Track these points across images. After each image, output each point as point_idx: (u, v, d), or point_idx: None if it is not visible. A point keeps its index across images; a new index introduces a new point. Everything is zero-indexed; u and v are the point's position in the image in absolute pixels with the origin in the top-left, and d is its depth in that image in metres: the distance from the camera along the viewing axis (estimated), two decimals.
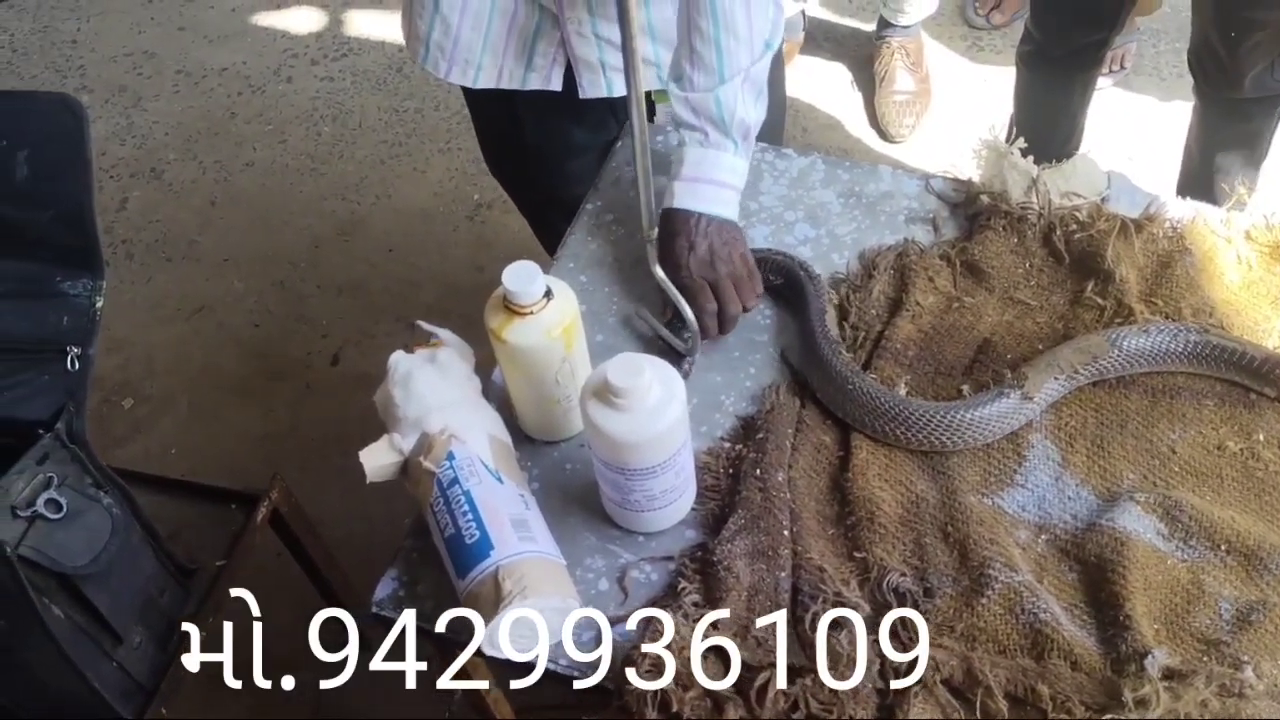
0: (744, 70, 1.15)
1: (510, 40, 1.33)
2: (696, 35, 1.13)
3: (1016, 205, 1.21)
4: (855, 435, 1.08)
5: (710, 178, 1.17)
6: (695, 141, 1.17)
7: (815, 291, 1.16)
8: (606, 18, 1.31)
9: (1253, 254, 1.17)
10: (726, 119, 1.15)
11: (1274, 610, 0.93)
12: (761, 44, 1.16)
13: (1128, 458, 1.05)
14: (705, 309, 1.14)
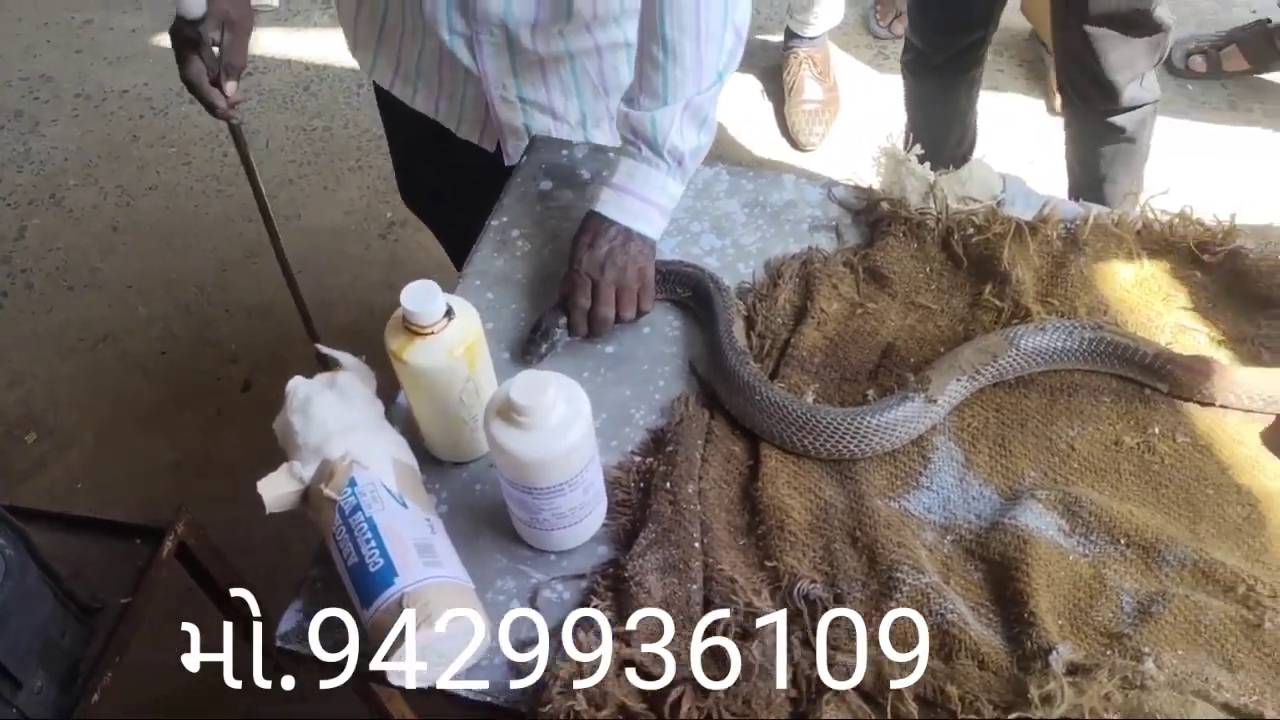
0: (687, 98, 1.16)
1: (444, 82, 1.35)
2: (648, 61, 1.15)
3: (915, 211, 1.23)
4: (764, 444, 1.08)
5: (637, 192, 1.18)
6: (629, 154, 1.18)
7: (723, 303, 1.16)
8: (531, 81, 1.32)
9: (1144, 252, 1.20)
10: (659, 140, 1.16)
11: (1173, 601, 0.95)
12: (713, 74, 1.17)
13: (1028, 456, 1.07)
14: (578, 304, 1.15)
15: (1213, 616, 0.94)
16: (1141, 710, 0.87)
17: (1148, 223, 1.21)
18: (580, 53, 1.34)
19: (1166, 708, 0.87)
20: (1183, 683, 0.90)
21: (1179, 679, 0.90)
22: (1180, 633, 0.94)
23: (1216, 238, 1.18)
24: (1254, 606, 0.94)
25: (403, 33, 1.36)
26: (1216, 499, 1.02)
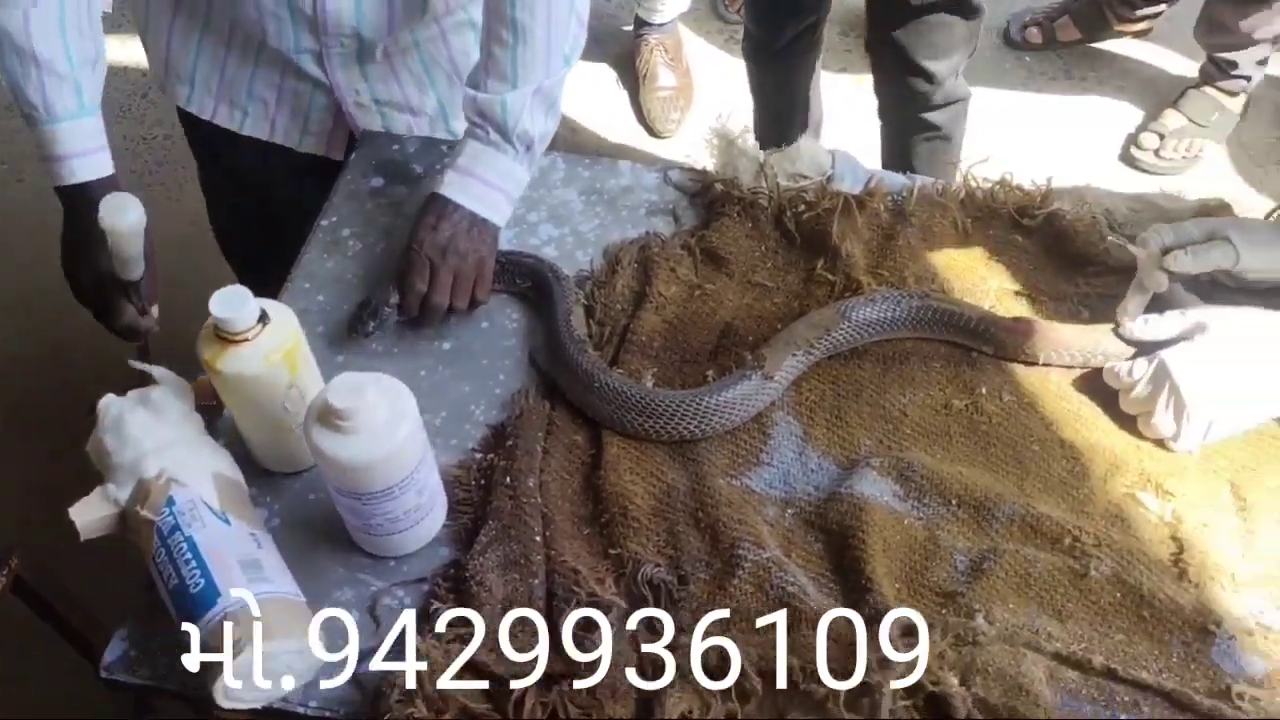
0: (538, 81, 1.14)
1: (282, 99, 1.30)
2: (496, 43, 1.13)
3: (748, 191, 1.23)
4: (606, 432, 1.07)
5: (483, 176, 1.16)
6: (475, 137, 1.16)
7: (562, 292, 1.15)
8: (383, 80, 1.29)
9: (967, 220, 1.23)
10: (510, 124, 1.15)
11: (1004, 557, 0.98)
12: (560, 60, 1.16)
13: (864, 425, 1.09)
14: (414, 287, 1.13)
15: (1041, 569, 0.97)
16: (974, 666, 0.89)
17: (970, 191, 1.24)
18: (426, 40, 1.31)
19: (998, 661, 0.90)
20: (1014, 635, 0.92)
21: (1010, 632, 0.93)
22: (1011, 587, 0.97)
23: (1035, 202, 1.22)
24: (1079, 556, 0.98)
25: (226, 58, 1.31)
26: (1042, 454, 1.06)
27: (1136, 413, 1.06)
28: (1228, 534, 0.99)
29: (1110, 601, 0.96)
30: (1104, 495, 1.03)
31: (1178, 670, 0.92)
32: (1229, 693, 0.90)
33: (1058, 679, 0.91)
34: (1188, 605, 0.95)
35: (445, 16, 1.29)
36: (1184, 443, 1.04)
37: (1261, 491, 1.02)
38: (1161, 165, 2.50)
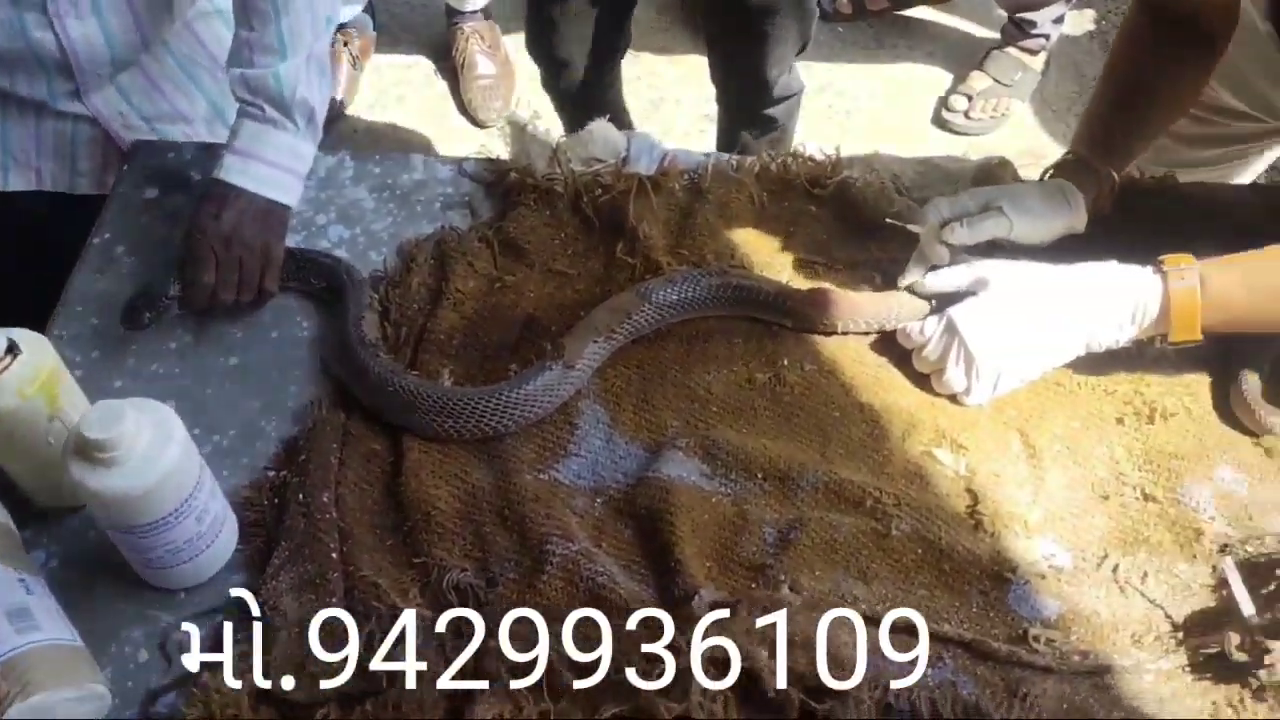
0: (309, 47, 1.10)
1: (42, 146, 1.21)
2: (256, 16, 1.09)
3: (543, 178, 1.21)
4: (406, 436, 1.04)
5: (265, 156, 1.11)
6: (251, 116, 1.11)
7: (355, 296, 1.11)
8: (145, 96, 1.21)
9: (763, 193, 1.23)
10: (287, 96, 1.10)
11: (810, 525, 0.98)
12: (324, 21, 1.12)
13: (670, 406, 1.08)
14: (198, 279, 1.08)
15: (845, 533, 0.98)
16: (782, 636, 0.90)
17: (764, 165, 1.24)
18: (177, 42, 1.25)
19: (805, 630, 0.90)
20: (820, 602, 0.93)
21: (816, 599, 0.94)
22: (818, 554, 0.98)
23: (826, 172, 1.23)
24: (881, 517, 0.99)
25: None
26: (842, 420, 1.07)
27: (929, 371, 1.09)
28: (1018, 482, 1.02)
29: (912, 559, 0.98)
30: (902, 455, 1.05)
31: (977, 620, 0.95)
32: (1026, 637, 0.93)
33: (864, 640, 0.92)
34: (985, 555, 0.97)
35: (190, 10, 1.23)
36: (975, 396, 1.06)
37: (1048, 437, 1.05)
38: (972, 125, 2.58)
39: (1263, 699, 0.88)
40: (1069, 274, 1.04)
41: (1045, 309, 1.04)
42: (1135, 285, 1.02)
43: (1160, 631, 0.94)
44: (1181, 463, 1.03)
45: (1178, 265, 1.01)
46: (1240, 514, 1.00)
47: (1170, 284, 1.00)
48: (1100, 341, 1.04)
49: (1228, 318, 1.01)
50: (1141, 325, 1.02)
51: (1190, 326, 1.01)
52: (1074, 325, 1.03)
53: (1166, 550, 0.98)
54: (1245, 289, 1.01)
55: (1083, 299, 1.03)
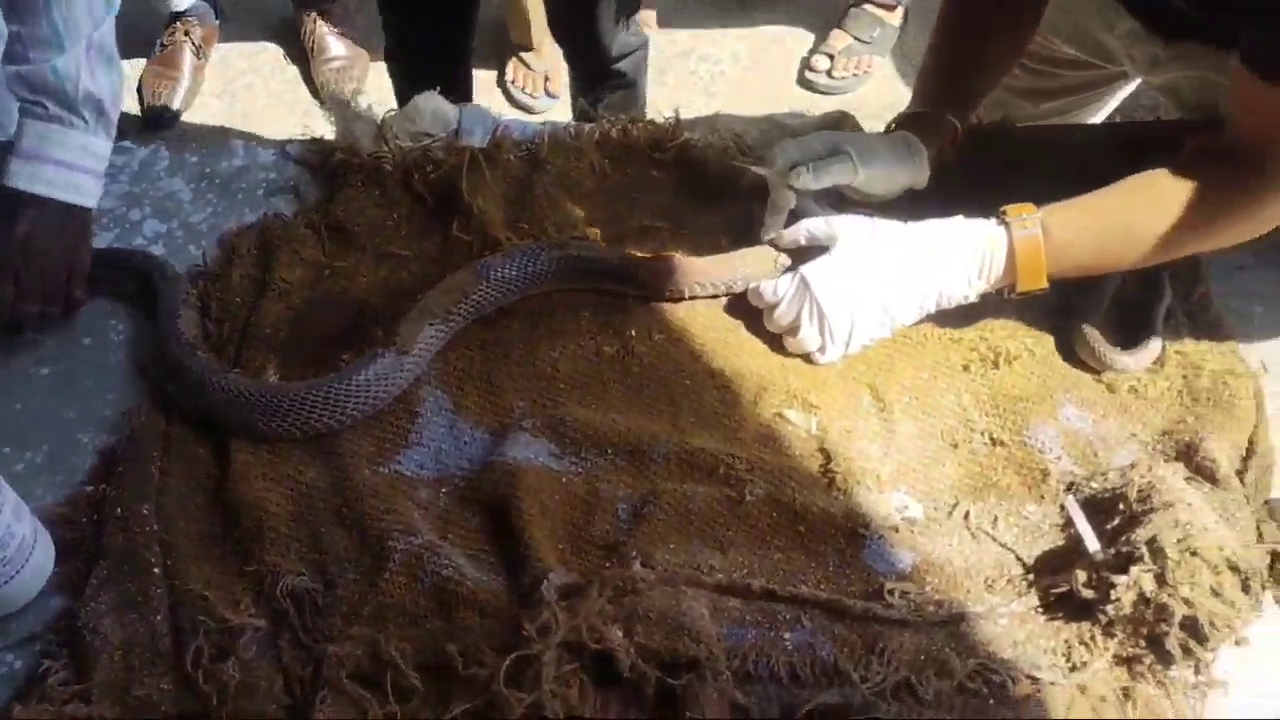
0: (87, 36, 1.02)
1: None
2: (26, 9, 1.00)
3: (369, 157, 1.16)
4: (234, 439, 0.98)
5: (55, 157, 1.03)
6: (34, 115, 1.03)
7: (171, 293, 1.04)
8: None
9: (604, 161, 1.20)
10: (69, 91, 1.02)
11: (663, 498, 0.96)
12: (102, 6, 1.04)
13: (516, 387, 1.04)
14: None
15: (699, 503, 0.96)
16: (636, 614, 0.87)
17: (605, 132, 1.21)
18: None
19: (659, 605, 0.87)
20: (674, 576, 0.91)
21: (670, 573, 0.91)
22: (673, 527, 0.95)
23: (667, 135, 1.20)
24: (735, 483, 0.97)
25: None
26: (694, 387, 1.05)
27: (782, 331, 1.07)
28: (870, 436, 1.01)
29: (768, 523, 0.96)
30: (754, 419, 1.03)
31: (834, 579, 0.94)
32: (882, 592, 0.92)
33: (721, 610, 0.90)
34: (839, 513, 0.96)
35: None
36: (829, 355, 1.05)
37: (897, 390, 1.04)
38: (835, 84, 2.59)
39: (1112, 634, 0.88)
40: (918, 231, 1.04)
41: (896, 267, 1.03)
42: (981, 239, 1.01)
43: (1012, 575, 0.94)
44: (1027, 405, 1.03)
45: (1020, 215, 1.01)
46: (1085, 451, 1.01)
47: (1014, 234, 1.00)
48: (951, 297, 1.03)
49: (1073, 262, 1.02)
50: (990, 278, 1.02)
51: (1036, 275, 1.01)
52: (924, 282, 1.02)
53: (1015, 493, 0.98)
54: (1087, 233, 1.01)
55: (932, 256, 1.02)
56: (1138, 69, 1.34)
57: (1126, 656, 0.88)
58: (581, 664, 0.85)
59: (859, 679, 0.86)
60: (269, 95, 2.49)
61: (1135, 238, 1.00)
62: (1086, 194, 1.02)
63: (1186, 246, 1.02)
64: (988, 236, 1.01)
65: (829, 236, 1.06)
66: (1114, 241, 1.02)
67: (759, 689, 0.87)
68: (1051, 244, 1.00)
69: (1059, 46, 1.41)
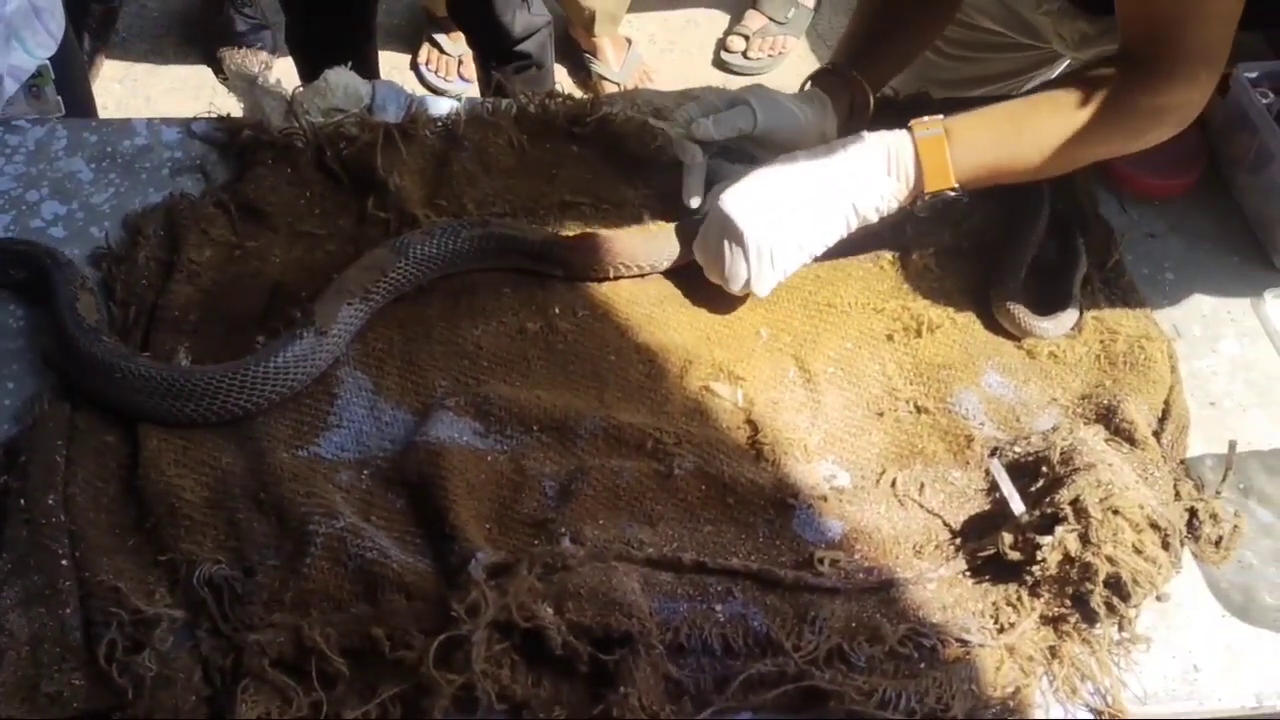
0: None
1: None
2: None
3: (280, 134, 1.12)
4: (144, 425, 0.94)
5: None
6: None
7: (64, 279, 0.99)
8: None
9: (523, 136, 1.18)
10: None
11: (591, 474, 0.95)
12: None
13: (438, 366, 1.02)
14: None
15: (628, 478, 0.95)
16: (566, 591, 0.85)
17: (523, 108, 1.19)
18: None
19: (590, 581, 0.86)
20: (604, 551, 0.90)
21: (600, 548, 0.90)
22: (601, 502, 0.94)
23: (586, 109, 1.18)
24: (663, 457, 0.97)
25: None
26: (619, 363, 1.04)
27: (717, 279, 1.05)
28: (796, 407, 1.01)
29: (697, 496, 0.95)
30: (681, 392, 1.02)
31: (764, 549, 0.93)
32: (812, 561, 0.92)
33: (652, 585, 0.89)
34: (767, 484, 0.96)
35: None
36: (761, 283, 1.03)
37: (823, 360, 1.04)
38: (750, 65, 2.60)
39: (1038, 594, 0.90)
40: (825, 148, 1.04)
41: (807, 178, 1.03)
42: (886, 141, 1.03)
43: (940, 540, 0.95)
44: (950, 372, 1.04)
45: (923, 120, 1.03)
46: (1008, 416, 1.02)
47: (916, 135, 1.02)
48: (866, 204, 1.03)
49: (979, 164, 1.03)
50: (899, 176, 1.03)
51: (943, 174, 1.02)
52: (838, 189, 1.02)
53: (941, 459, 0.99)
54: (991, 132, 1.04)
55: (841, 162, 1.03)
56: (1066, 47, 1.36)
57: (1053, 616, 0.90)
58: (512, 643, 0.84)
59: (791, 648, 0.86)
60: (170, 81, 2.41)
61: (1038, 139, 1.03)
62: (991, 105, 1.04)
63: (1091, 149, 1.04)
64: (893, 140, 1.03)
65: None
66: (1017, 141, 1.04)
67: (692, 662, 0.86)
68: (955, 144, 1.02)
69: (987, 25, 1.43)
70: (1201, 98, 1.02)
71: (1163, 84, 1.00)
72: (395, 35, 2.53)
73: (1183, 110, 1.02)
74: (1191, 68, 1.00)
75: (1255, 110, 1.14)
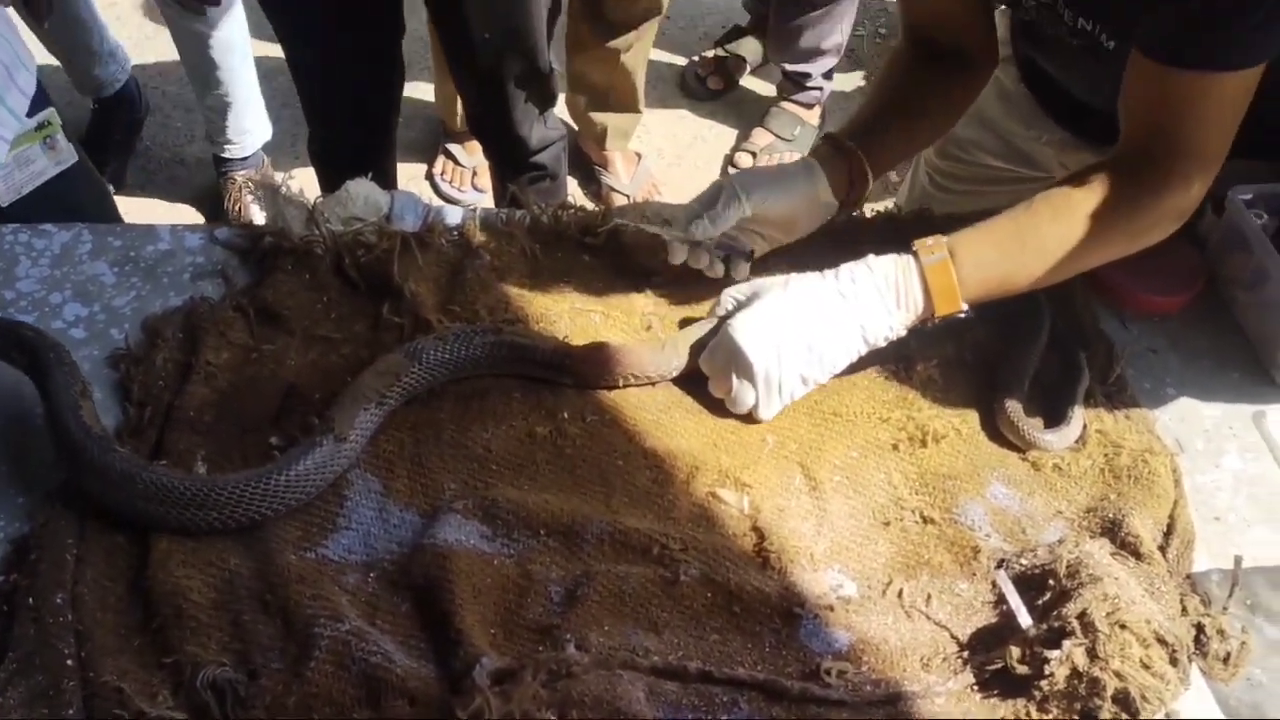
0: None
1: None
2: None
3: (300, 241, 1.15)
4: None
5: None
6: None
7: (64, 380, 0.98)
8: None
9: (535, 245, 1.21)
10: None
11: (596, 579, 0.95)
12: None
13: (447, 468, 1.03)
14: None
15: (633, 584, 0.95)
16: (570, 699, 0.85)
17: (535, 218, 1.22)
18: None
19: (594, 689, 0.86)
20: (609, 658, 0.89)
21: (605, 655, 0.90)
22: (606, 609, 0.94)
23: (597, 220, 1.22)
24: (669, 564, 0.97)
25: None
26: (626, 468, 1.04)
27: (722, 395, 1.07)
28: (802, 515, 1.02)
29: (703, 604, 0.95)
30: (687, 498, 1.03)
31: (770, 659, 0.93)
32: (819, 671, 0.91)
33: (657, 694, 0.88)
34: (773, 593, 0.96)
35: None
36: (765, 409, 1.06)
37: (828, 469, 1.05)
38: None
39: (1046, 709, 0.89)
40: (833, 273, 1.06)
41: (816, 307, 1.05)
42: (893, 270, 1.05)
43: (947, 653, 0.94)
44: (956, 483, 1.05)
45: (926, 244, 1.05)
46: (1014, 528, 1.02)
47: (923, 261, 1.04)
48: (875, 331, 1.05)
49: (985, 281, 1.05)
50: (908, 306, 1.05)
51: (951, 298, 1.04)
52: (846, 319, 1.04)
53: (947, 570, 0.99)
54: (995, 249, 1.05)
55: (850, 291, 1.04)
56: None
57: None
58: None
59: None
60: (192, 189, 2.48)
61: (1042, 249, 1.05)
62: (991, 218, 1.06)
63: (1094, 253, 1.06)
64: (899, 267, 1.05)
65: (751, 296, 1.08)
66: (1022, 255, 1.06)
67: None
68: (961, 265, 1.04)
69: (989, 161, 1.47)
70: (1197, 198, 1.05)
71: (1161, 185, 1.03)
72: (412, 147, 2.61)
73: (1179, 211, 1.05)
74: (1188, 169, 1.03)
75: (1251, 231, 1.17)
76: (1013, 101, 1.40)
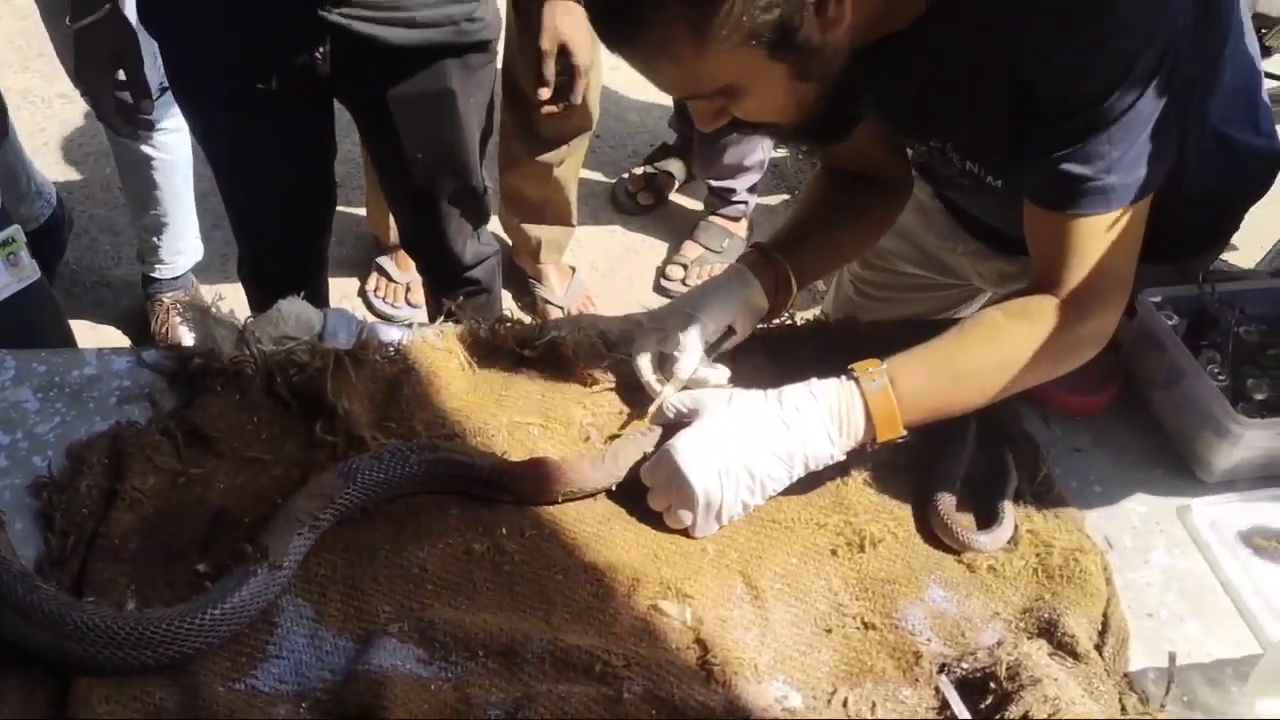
0: None
1: None
2: None
3: (230, 361, 1.14)
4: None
5: None
6: None
7: None
8: None
9: (472, 359, 1.21)
10: None
11: (537, 700, 0.92)
12: None
13: (381, 590, 1.01)
14: None
15: (575, 705, 0.93)
16: None
17: (472, 331, 1.23)
18: None
19: None
20: None
21: None
22: None
23: (534, 333, 1.23)
24: (612, 681, 0.95)
25: None
26: (566, 583, 1.03)
27: (661, 509, 1.07)
28: (744, 625, 1.01)
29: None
30: (629, 612, 1.01)
31: None
32: None
33: None
34: (718, 707, 0.94)
35: None
36: (702, 528, 1.06)
37: (769, 576, 1.05)
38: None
39: None
40: (775, 396, 1.07)
41: (758, 431, 1.06)
42: (836, 397, 1.06)
43: None
44: (895, 587, 1.05)
45: (867, 370, 1.07)
46: (953, 631, 1.03)
47: (865, 389, 1.05)
48: (816, 457, 1.06)
49: (924, 407, 1.07)
50: (850, 435, 1.06)
51: (893, 425, 1.06)
52: (788, 444, 1.05)
53: (890, 677, 0.98)
54: (932, 377, 1.08)
55: (792, 417, 1.05)
56: (987, 283, 1.45)
57: None
58: None
59: None
60: None
61: (976, 375, 1.08)
62: (927, 342, 1.09)
63: (1023, 377, 1.09)
64: (842, 396, 1.06)
65: (692, 410, 1.09)
66: (957, 383, 1.09)
67: None
68: (901, 393, 1.06)
69: (908, 270, 1.52)
70: (1115, 320, 1.10)
71: (1079, 315, 1.07)
72: (344, 263, 2.61)
73: (1102, 335, 1.10)
74: (1103, 297, 1.08)
75: (1163, 331, 1.21)
76: (929, 215, 1.46)
